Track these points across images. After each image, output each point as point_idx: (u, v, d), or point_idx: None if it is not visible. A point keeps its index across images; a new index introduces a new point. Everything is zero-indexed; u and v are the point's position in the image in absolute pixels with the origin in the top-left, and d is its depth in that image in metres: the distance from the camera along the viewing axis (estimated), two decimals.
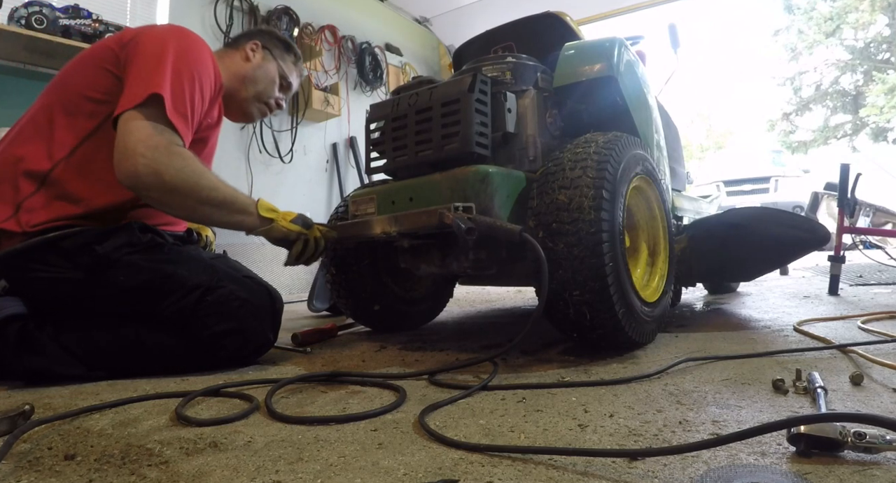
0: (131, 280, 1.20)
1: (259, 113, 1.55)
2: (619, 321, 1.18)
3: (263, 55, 1.52)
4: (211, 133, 1.44)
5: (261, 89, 1.51)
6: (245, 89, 1.48)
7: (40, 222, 1.17)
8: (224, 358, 1.27)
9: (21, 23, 2.38)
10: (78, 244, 1.17)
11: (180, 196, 1.15)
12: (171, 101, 1.15)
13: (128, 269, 1.19)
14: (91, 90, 1.21)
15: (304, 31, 4.07)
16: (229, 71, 1.46)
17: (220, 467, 0.67)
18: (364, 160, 1.56)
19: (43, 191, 1.19)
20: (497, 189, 1.22)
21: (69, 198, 1.19)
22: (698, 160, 19.54)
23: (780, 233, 1.65)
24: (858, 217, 3.45)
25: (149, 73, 1.16)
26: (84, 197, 1.20)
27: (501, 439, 0.73)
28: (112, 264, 1.18)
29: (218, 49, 1.49)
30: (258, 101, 1.52)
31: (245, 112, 1.53)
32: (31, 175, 1.19)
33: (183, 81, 1.19)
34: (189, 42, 1.25)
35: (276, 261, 3.73)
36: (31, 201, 1.18)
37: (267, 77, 1.51)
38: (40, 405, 0.97)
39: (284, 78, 1.57)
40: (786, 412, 0.79)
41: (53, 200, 1.19)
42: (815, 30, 13.90)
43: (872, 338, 1.30)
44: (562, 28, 1.72)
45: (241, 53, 1.50)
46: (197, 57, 1.24)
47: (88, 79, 1.23)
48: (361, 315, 1.73)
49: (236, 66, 1.48)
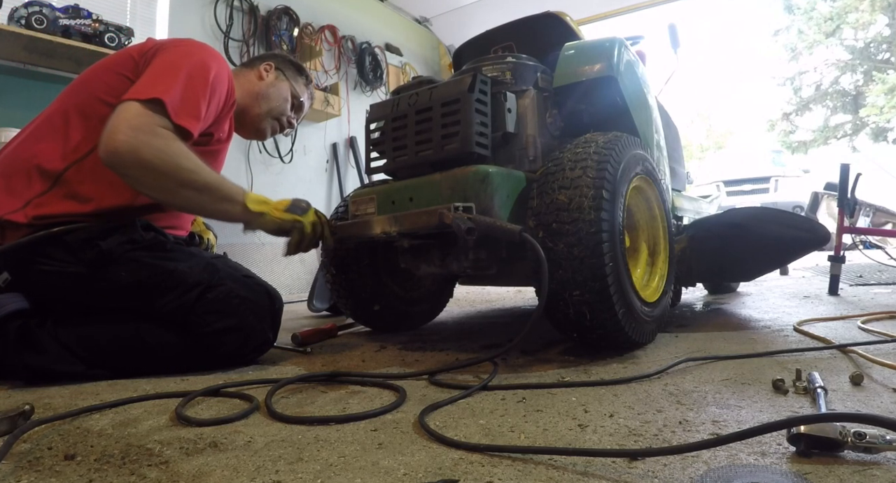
0: (133, 276, 1.20)
1: (272, 130, 1.60)
2: (619, 321, 1.18)
3: (277, 75, 1.58)
4: (221, 147, 1.47)
5: (273, 106, 1.56)
6: (258, 106, 1.53)
7: (46, 215, 1.18)
8: (224, 355, 1.27)
9: (21, 23, 2.38)
10: (81, 239, 1.18)
11: (159, 176, 1.13)
12: (179, 100, 1.16)
13: (129, 265, 1.20)
14: (107, 95, 1.22)
15: (304, 31, 4.07)
16: (243, 88, 1.51)
17: (220, 467, 0.67)
18: (364, 160, 1.56)
19: (55, 190, 1.20)
20: (497, 189, 1.22)
21: (79, 197, 1.21)
22: (698, 160, 19.54)
23: (780, 233, 1.65)
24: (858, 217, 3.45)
25: (160, 78, 1.17)
26: (94, 197, 1.21)
27: (501, 439, 0.73)
28: (114, 260, 1.19)
29: (233, 69, 1.51)
30: (271, 118, 1.57)
31: (258, 128, 1.58)
32: (45, 173, 1.20)
33: (196, 84, 1.20)
34: (206, 56, 1.27)
35: (275, 261, 3.73)
36: (42, 199, 1.19)
37: (280, 95, 1.57)
38: (40, 405, 0.97)
39: (296, 97, 1.62)
40: (786, 412, 0.79)
41: (63, 199, 1.20)
42: (815, 30, 13.89)
43: (872, 338, 1.30)
44: (562, 28, 1.72)
45: (256, 72, 1.55)
46: (215, 70, 1.26)
47: (106, 84, 1.24)
48: (361, 315, 1.73)
49: (250, 83, 1.53)
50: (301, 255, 1.43)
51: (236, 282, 1.30)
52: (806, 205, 5.93)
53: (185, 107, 1.18)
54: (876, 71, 13.20)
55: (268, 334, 1.33)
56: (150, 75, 1.19)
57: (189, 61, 1.23)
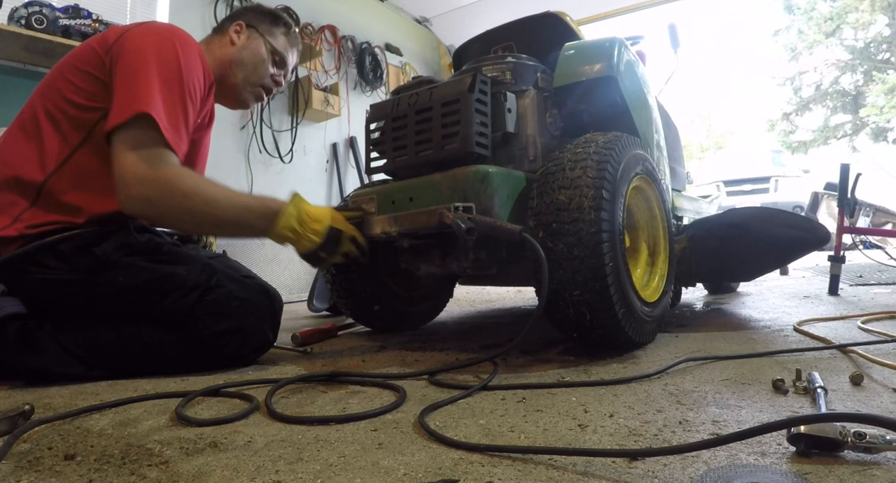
0: (130, 281, 1.19)
1: (254, 97, 1.47)
2: (619, 321, 1.18)
3: (248, 34, 1.43)
4: (202, 134, 1.39)
5: (250, 72, 1.42)
6: (234, 74, 1.41)
7: (38, 225, 1.16)
8: (224, 357, 1.27)
9: (21, 23, 2.38)
10: (75, 247, 1.16)
11: (180, 221, 1.17)
12: (163, 117, 1.12)
13: (127, 270, 1.19)
14: (75, 94, 1.18)
15: (304, 31, 4.08)
16: (216, 58, 1.39)
17: (220, 467, 0.67)
18: (364, 160, 1.56)
19: (39, 202, 1.17)
20: (497, 189, 1.22)
21: (67, 208, 1.18)
22: (698, 160, 19.54)
23: (780, 233, 1.65)
24: (858, 217, 3.45)
25: (136, 85, 1.12)
26: (82, 206, 1.18)
27: (501, 439, 0.73)
28: (111, 266, 1.18)
29: (204, 37, 1.44)
30: (250, 86, 1.44)
31: (239, 99, 1.46)
32: (25, 185, 1.16)
33: (172, 91, 1.15)
34: (173, 42, 1.19)
35: (275, 261, 3.73)
36: (28, 214, 1.16)
37: (255, 57, 1.42)
38: (40, 405, 0.97)
39: (275, 53, 1.46)
40: (786, 412, 0.79)
41: (51, 212, 1.17)
42: (815, 30, 13.89)
43: (872, 338, 1.30)
44: (562, 28, 1.72)
45: (226, 37, 1.42)
46: (183, 58, 1.19)
47: (72, 84, 1.19)
48: (361, 315, 1.73)
49: (222, 51, 1.40)
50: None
51: (235, 283, 1.29)
52: (806, 205, 5.94)
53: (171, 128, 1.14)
54: (876, 71, 13.20)
55: (268, 334, 1.33)
56: (124, 89, 1.12)
57: (159, 62, 1.15)
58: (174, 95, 1.16)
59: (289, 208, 1.19)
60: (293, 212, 1.19)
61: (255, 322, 1.29)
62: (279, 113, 3.95)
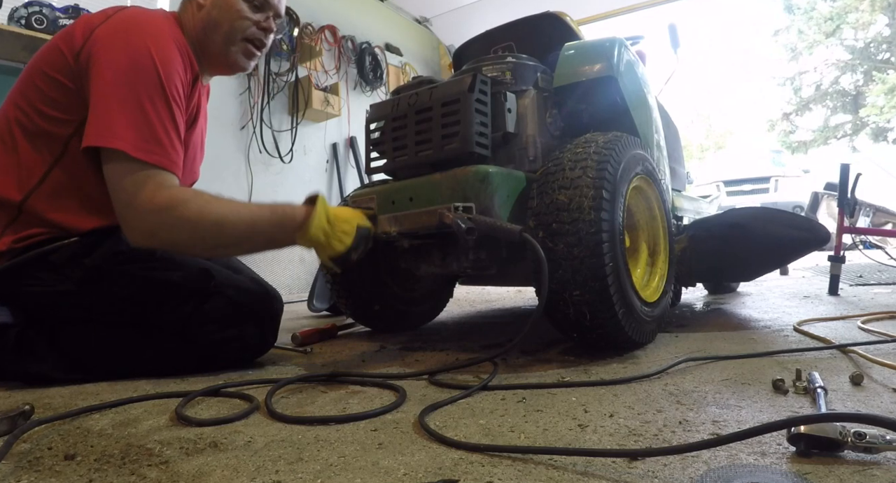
0: (125, 290, 1.17)
1: (244, 55, 1.31)
2: (619, 321, 1.18)
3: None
4: (189, 133, 1.28)
5: (227, 29, 1.26)
6: (211, 38, 1.26)
7: (26, 237, 1.12)
8: (224, 362, 1.27)
9: (21, 23, 2.38)
10: (65, 258, 1.13)
11: (192, 248, 1.13)
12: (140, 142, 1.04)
13: (121, 280, 1.16)
14: (44, 104, 1.11)
15: (304, 31, 4.07)
16: (189, 29, 1.26)
17: (220, 467, 0.67)
18: (364, 160, 1.56)
19: (21, 221, 1.12)
20: (497, 189, 1.22)
21: (51, 225, 1.13)
22: (698, 160, 19.53)
23: (780, 233, 1.64)
24: (858, 217, 3.44)
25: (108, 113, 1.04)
26: (67, 226, 1.14)
27: (501, 439, 0.73)
28: (104, 275, 1.15)
29: (176, 11, 1.30)
30: (232, 45, 1.28)
31: (229, 62, 1.31)
32: (4, 204, 1.12)
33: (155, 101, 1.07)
34: (146, 45, 1.09)
35: (275, 260, 3.73)
36: (12, 228, 1.13)
37: (227, 10, 1.25)
38: (40, 405, 0.97)
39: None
40: (786, 412, 0.79)
41: (34, 226, 1.13)
42: (815, 30, 13.89)
43: (872, 338, 1.30)
44: (562, 28, 1.72)
45: (193, 3, 1.27)
46: (160, 61, 1.09)
47: (41, 91, 1.12)
48: (361, 315, 1.73)
49: (193, 20, 1.26)
50: (301, 255, 1.42)
51: (234, 287, 1.26)
52: (806, 205, 5.94)
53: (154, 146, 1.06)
54: (876, 71, 13.20)
55: (267, 339, 1.32)
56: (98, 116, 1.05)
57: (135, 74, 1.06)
58: (157, 105, 1.08)
59: (318, 210, 1.12)
60: (322, 213, 1.13)
61: (254, 329, 1.27)
62: (279, 113, 3.95)
